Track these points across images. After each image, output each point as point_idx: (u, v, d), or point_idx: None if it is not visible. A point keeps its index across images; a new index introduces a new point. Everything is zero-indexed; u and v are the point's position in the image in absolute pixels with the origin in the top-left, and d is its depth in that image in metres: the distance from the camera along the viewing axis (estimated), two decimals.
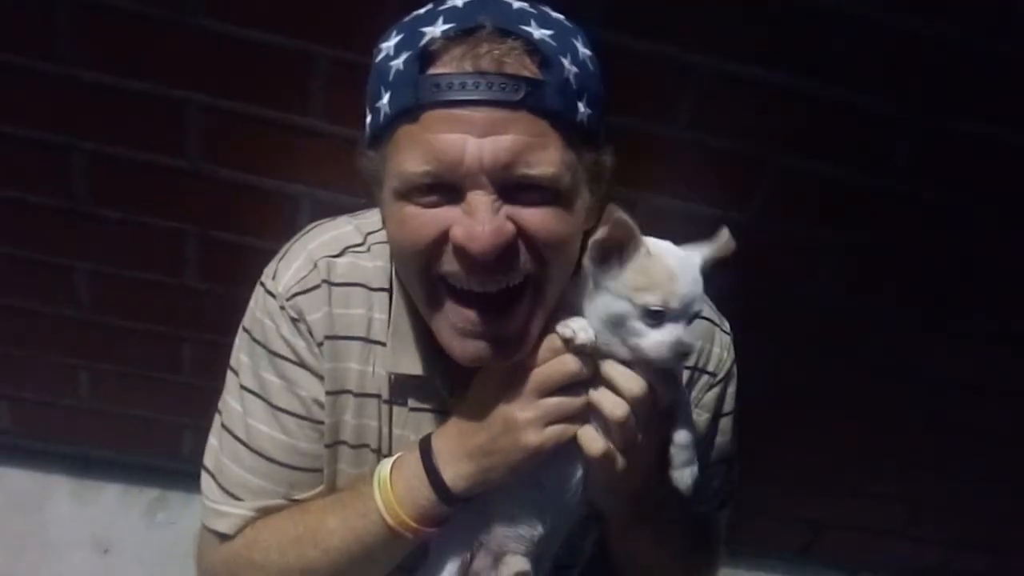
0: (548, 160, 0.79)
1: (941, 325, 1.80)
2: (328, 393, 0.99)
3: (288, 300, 0.97)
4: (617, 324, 0.85)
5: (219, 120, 1.47)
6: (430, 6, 0.84)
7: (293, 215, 1.56)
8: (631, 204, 1.51)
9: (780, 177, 1.55)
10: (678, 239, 0.91)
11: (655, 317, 0.84)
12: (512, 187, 0.80)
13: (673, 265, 0.85)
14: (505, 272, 0.83)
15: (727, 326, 1.10)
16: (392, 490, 0.92)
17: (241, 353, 1.03)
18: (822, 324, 1.79)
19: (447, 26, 0.78)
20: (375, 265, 0.98)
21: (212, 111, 1.46)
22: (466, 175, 0.79)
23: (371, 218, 1.02)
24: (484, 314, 0.85)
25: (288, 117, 1.46)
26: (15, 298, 1.78)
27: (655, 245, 0.87)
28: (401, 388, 1.00)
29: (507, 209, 0.81)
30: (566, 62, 0.80)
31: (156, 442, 2.06)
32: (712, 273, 0.89)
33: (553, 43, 0.79)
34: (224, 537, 1.02)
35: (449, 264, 0.83)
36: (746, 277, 1.59)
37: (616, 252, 0.85)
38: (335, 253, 0.99)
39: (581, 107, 0.82)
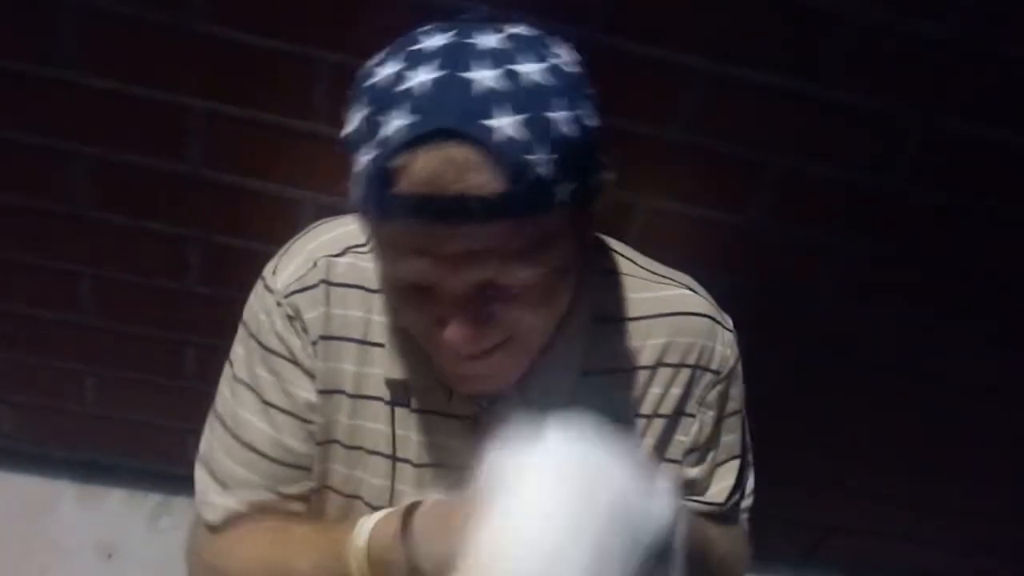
0: (521, 273, 0.77)
1: (946, 327, 1.80)
2: (320, 392, 0.99)
3: (285, 297, 0.97)
4: None
5: (221, 125, 1.47)
6: (395, 68, 0.76)
7: (296, 220, 1.56)
8: (630, 207, 1.53)
9: (781, 180, 1.55)
10: (677, 243, 0.91)
11: None
12: (488, 294, 0.79)
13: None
14: (485, 347, 0.83)
15: (730, 323, 1.08)
16: (367, 561, 0.89)
17: (238, 346, 1.03)
18: (825, 327, 1.79)
19: (403, 123, 0.72)
20: (375, 266, 0.98)
21: (213, 116, 1.46)
22: (435, 286, 0.78)
23: None
24: (468, 359, 0.85)
25: (290, 122, 1.47)
26: (18, 303, 1.78)
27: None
28: (402, 390, 1.00)
29: (483, 310, 0.80)
30: (535, 156, 0.73)
31: (160, 447, 2.06)
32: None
33: (520, 139, 0.72)
34: (212, 528, 1.03)
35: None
36: (747, 280, 1.60)
37: None
38: (336, 252, 0.99)
39: (559, 191, 0.76)
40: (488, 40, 0.77)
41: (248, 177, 1.55)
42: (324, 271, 0.98)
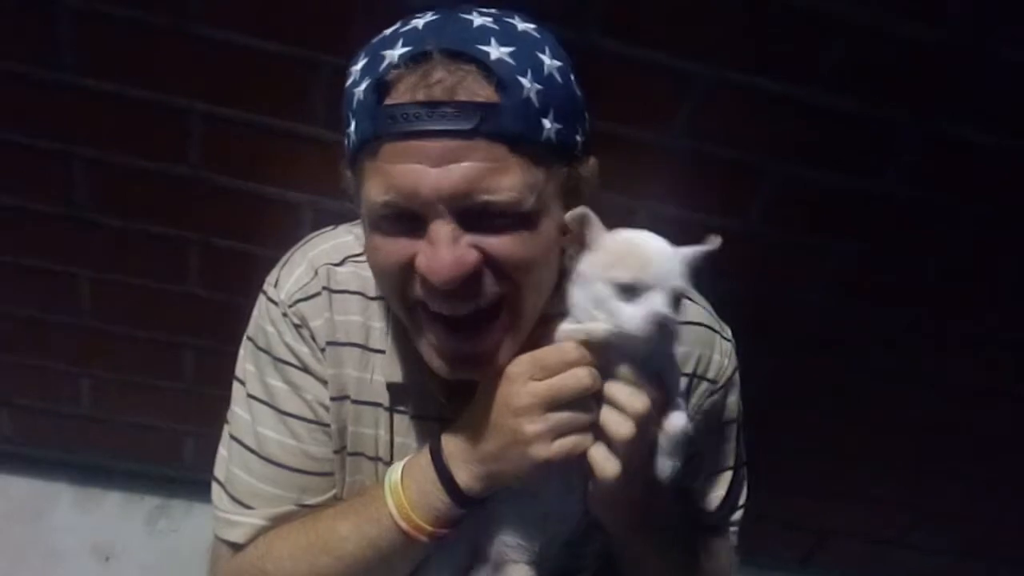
0: (508, 185, 0.78)
1: (942, 331, 1.80)
2: (332, 399, 1.00)
3: (291, 307, 0.98)
4: (598, 306, 0.84)
5: (220, 128, 1.47)
6: (396, 25, 0.83)
7: (295, 223, 1.56)
8: (630, 212, 1.53)
9: (779, 185, 1.55)
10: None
11: (629, 291, 0.82)
12: (474, 214, 0.79)
13: (643, 242, 0.85)
14: (472, 297, 0.83)
15: (728, 333, 1.09)
16: (404, 494, 0.92)
17: (246, 362, 1.03)
18: (822, 331, 1.79)
19: (404, 50, 0.77)
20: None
21: (213, 119, 1.46)
22: (425, 205, 0.78)
23: None
24: (457, 334, 0.86)
25: (289, 125, 1.47)
26: (16, 305, 1.78)
27: (628, 231, 0.86)
28: (401, 396, 1.00)
29: (470, 237, 0.80)
30: (526, 80, 0.78)
31: (157, 450, 2.06)
32: (702, 273, 0.86)
33: (512, 62, 0.78)
34: (236, 547, 1.02)
35: (420, 290, 0.84)
36: (746, 284, 1.61)
37: (585, 240, 0.86)
38: (336, 261, 1.00)
39: (547, 123, 0.80)
40: (485, 8, 0.83)
41: (247, 180, 1.55)
42: (325, 279, 0.99)
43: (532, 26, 0.84)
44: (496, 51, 0.77)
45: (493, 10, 0.83)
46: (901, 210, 1.59)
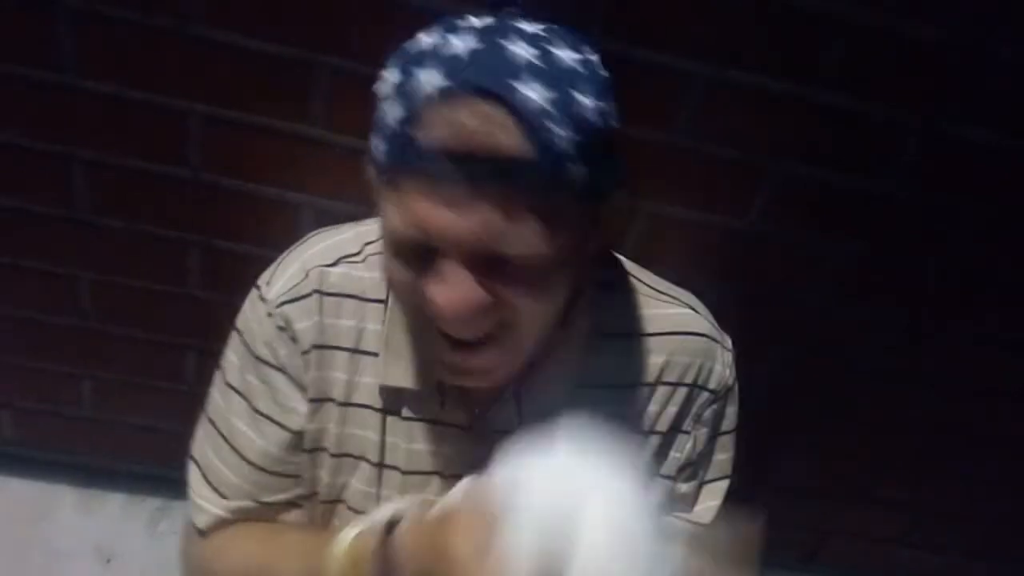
0: (523, 240, 0.76)
1: (943, 331, 1.80)
2: (311, 401, 1.00)
3: (277, 308, 0.97)
4: None
5: (220, 129, 1.48)
6: (435, 36, 0.79)
7: (295, 224, 1.57)
8: (630, 212, 1.54)
9: (779, 184, 1.55)
10: (676, 247, 0.91)
11: None
12: (488, 260, 0.78)
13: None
14: (476, 327, 0.82)
15: (729, 343, 1.08)
16: (348, 567, 0.90)
17: (231, 352, 1.03)
18: (823, 331, 1.79)
19: (438, 80, 0.74)
20: (371, 276, 0.98)
21: (213, 121, 1.46)
22: (439, 244, 0.78)
23: (374, 226, 1.01)
24: (460, 350, 0.85)
25: (290, 126, 1.47)
26: (17, 307, 1.78)
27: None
28: (394, 398, 1.00)
29: (481, 279, 0.79)
30: (556, 127, 0.74)
31: (159, 452, 2.06)
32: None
33: (548, 109, 0.74)
34: (200, 532, 1.04)
35: (430, 311, 0.83)
36: (745, 284, 1.61)
37: None
38: (329, 263, 0.99)
39: (574, 168, 0.76)
40: (529, 27, 0.79)
41: (248, 181, 1.55)
42: (317, 281, 0.98)
43: (577, 56, 0.80)
44: (531, 93, 0.74)
45: (538, 31, 0.80)
46: (901, 210, 1.59)
